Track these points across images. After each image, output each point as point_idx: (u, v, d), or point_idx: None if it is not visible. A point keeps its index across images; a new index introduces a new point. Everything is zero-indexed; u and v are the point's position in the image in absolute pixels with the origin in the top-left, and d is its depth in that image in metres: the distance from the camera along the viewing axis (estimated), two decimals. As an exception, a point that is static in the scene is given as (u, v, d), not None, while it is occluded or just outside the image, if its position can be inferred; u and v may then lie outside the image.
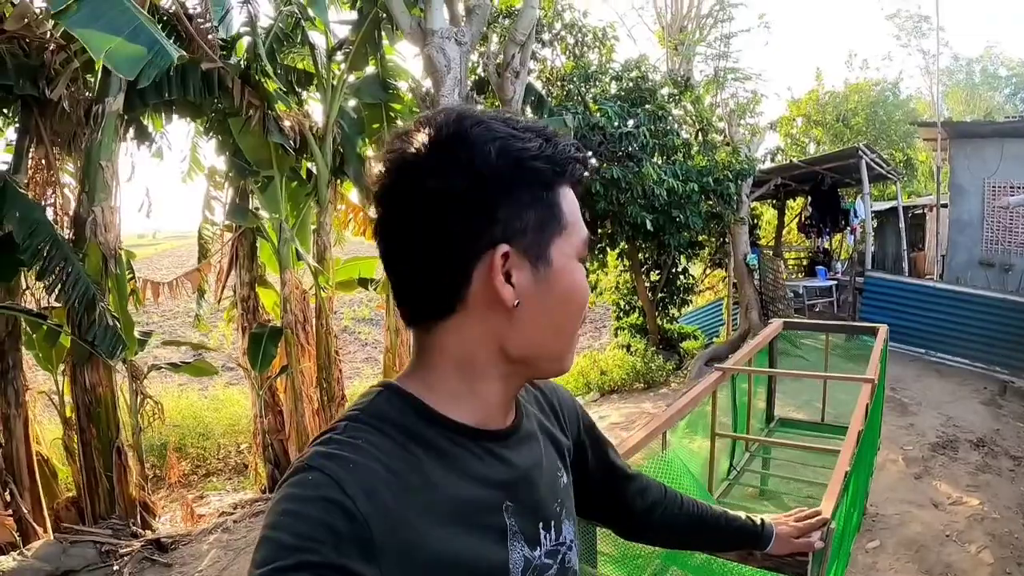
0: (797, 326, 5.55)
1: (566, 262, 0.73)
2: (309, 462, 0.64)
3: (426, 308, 0.73)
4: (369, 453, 0.65)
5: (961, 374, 8.46)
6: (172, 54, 4.56)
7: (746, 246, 11.09)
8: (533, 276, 0.71)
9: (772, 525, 1.22)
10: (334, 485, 0.61)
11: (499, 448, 0.76)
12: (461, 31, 5.15)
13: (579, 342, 15.71)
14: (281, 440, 7.58)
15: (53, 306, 5.69)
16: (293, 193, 7.62)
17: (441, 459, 0.70)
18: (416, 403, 0.72)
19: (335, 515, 0.59)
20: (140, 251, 13.34)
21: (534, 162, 0.70)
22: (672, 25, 12.78)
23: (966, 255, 10.63)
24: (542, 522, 0.79)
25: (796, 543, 1.26)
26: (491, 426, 0.76)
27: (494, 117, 0.71)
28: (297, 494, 0.61)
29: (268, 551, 0.57)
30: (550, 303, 0.73)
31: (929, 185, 17.52)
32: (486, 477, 0.73)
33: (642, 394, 9.25)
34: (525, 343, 0.73)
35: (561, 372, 0.79)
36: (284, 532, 0.58)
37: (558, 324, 0.75)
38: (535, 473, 0.80)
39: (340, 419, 0.71)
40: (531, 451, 0.82)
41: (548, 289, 0.72)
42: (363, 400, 0.74)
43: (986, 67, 25.20)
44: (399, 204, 0.71)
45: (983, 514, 4.61)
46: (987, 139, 10.50)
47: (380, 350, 14.72)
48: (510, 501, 0.74)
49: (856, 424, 2.72)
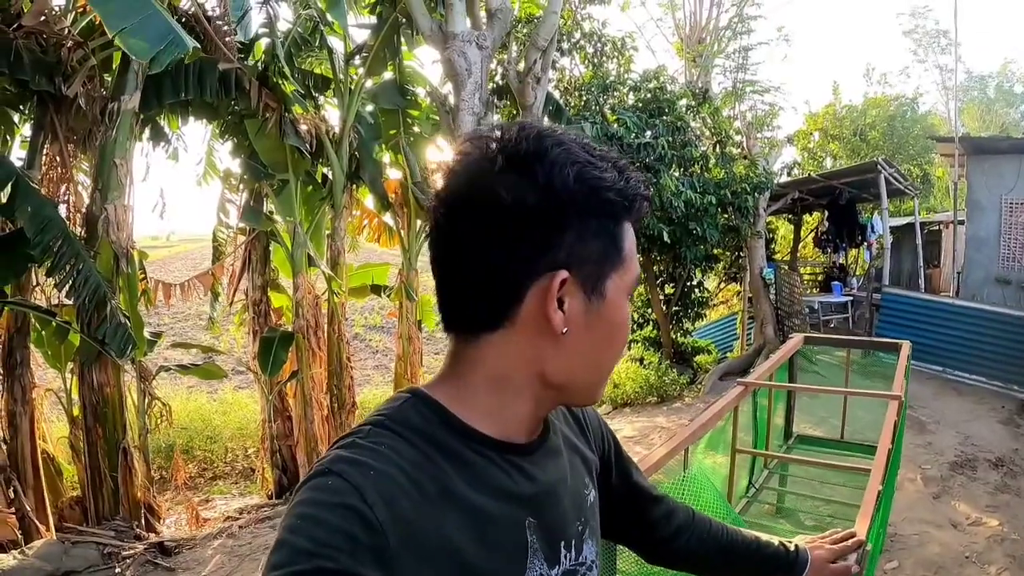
0: (818, 341, 5.45)
1: (617, 298, 0.73)
2: (330, 466, 0.63)
3: (472, 319, 0.71)
4: (391, 460, 0.64)
5: (979, 392, 8.34)
6: (187, 43, 4.57)
7: (762, 260, 11.00)
8: (585, 307, 0.70)
9: (807, 551, 1.16)
10: (354, 492, 0.60)
11: (525, 462, 0.74)
12: (483, 35, 5.09)
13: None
14: (290, 446, 7.53)
15: (63, 303, 5.66)
16: (308, 197, 7.61)
17: (464, 471, 0.68)
18: (443, 412, 0.71)
19: (353, 522, 0.58)
20: (154, 253, 13.41)
21: (608, 193, 0.69)
22: (691, 37, 12.75)
23: (982, 272, 10.49)
24: (563, 540, 0.77)
25: (832, 568, 1.18)
26: (517, 440, 0.75)
27: (573, 140, 0.70)
28: (316, 499, 0.60)
29: (285, 554, 0.57)
30: (596, 336, 0.72)
31: (945, 201, 17.41)
32: (510, 491, 0.71)
33: (655, 408, 9.14)
34: (564, 371, 0.73)
35: (591, 403, 0.81)
36: (302, 536, 0.57)
37: (599, 357, 0.75)
38: (560, 489, 0.78)
39: (365, 423, 0.70)
40: (557, 466, 0.80)
41: (597, 322, 0.71)
42: (390, 405, 0.72)
43: (1001, 83, 25.08)
44: (466, 211, 0.69)
45: (1003, 535, 4.54)
46: (1005, 155, 10.37)
47: (391, 358, 14.69)
48: (533, 517, 0.72)
49: (885, 442, 2.64)
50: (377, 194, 7.87)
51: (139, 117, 6.16)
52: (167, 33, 4.52)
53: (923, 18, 22.14)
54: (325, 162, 7.47)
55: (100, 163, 5.67)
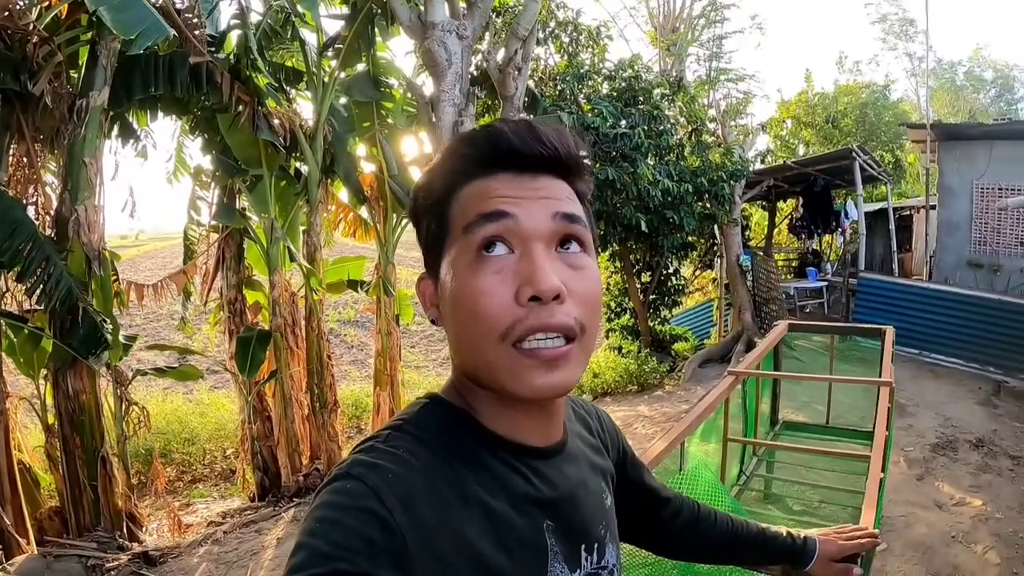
0: (802, 328, 5.49)
1: (454, 267, 0.68)
2: (349, 470, 0.63)
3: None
4: (409, 464, 0.64)
5: (956, 375, 8.48)
6: (167, 29, 4.52)
7: (739, 247, 11.09)
8: (434, 287, 0.73)
9: (816, 542, 1.15)
10: (372, 495, 0.60)
11: (543, 466, 0.74)
12: (463, 24, 5.00)
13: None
14: (270, 447, 7.40)
15: (35, 309, 5.49)
16: (282, 193, 7.46)
17: (483, 474, 0.68)
18: (461, 416, 0.72)
19: (371, 526, 0.58)
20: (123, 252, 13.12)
21: (438, 174, 0.74)
22: (664, 26, 12.75)
23: (955, 256, 10.68)
24: (584, 544, 0.76)
25: (836, 567, 1.17)
26: (536, 443, 0.74)
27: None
28: (335, 502, 0.60)
29: (303, 557, 0.56)
30: (448, 314, 0.70)
31: (917, 186, 17.69)
32: (528, 495, 0.70)
33: (636, 397, 9.15)
34: (453, 356, 0.74)
35: (513, 393, 0.67)
36: (320, 539, 0.57)
37: (457, 335, 0.69)
38: (580, 493, 0.77)
39: (385, 427, 0.70)
40: (577, 471, 0.79)
41: (444, 300, 0.70)
42: (409, 410, 0.73)
43: (971, 70, 25.53)
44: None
45: (987, 514, 4.64)
46: (976, 141, 10.56)
47: (367, 352, 14.59)
48: (551, 521, 0.71)
49: (881, 430, 2.66)
50: (352, 188, 7.74)
51: (108, 114, 5.98)
52: (145, 16, 4.44)
53: (894, 4, 22.46)
54: (299, 156, 7.33)
55: (69, 162, 5.48)
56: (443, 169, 0.71)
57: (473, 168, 0.69)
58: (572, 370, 0.67)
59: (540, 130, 0.68)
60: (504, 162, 0.68)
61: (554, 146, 0.68)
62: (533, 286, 0.63)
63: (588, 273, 0.69)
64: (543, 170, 0.69)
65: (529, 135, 0.68)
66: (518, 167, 0.68)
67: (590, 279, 0.68)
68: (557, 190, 0.69)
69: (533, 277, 0.63)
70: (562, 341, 0.65)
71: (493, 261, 0.65)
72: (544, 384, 0.65)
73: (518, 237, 0.65)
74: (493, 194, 0.67)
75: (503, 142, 0.67)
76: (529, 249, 0.65)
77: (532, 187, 0.68)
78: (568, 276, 0.66)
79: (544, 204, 0.67)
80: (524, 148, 0.67)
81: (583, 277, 0.68)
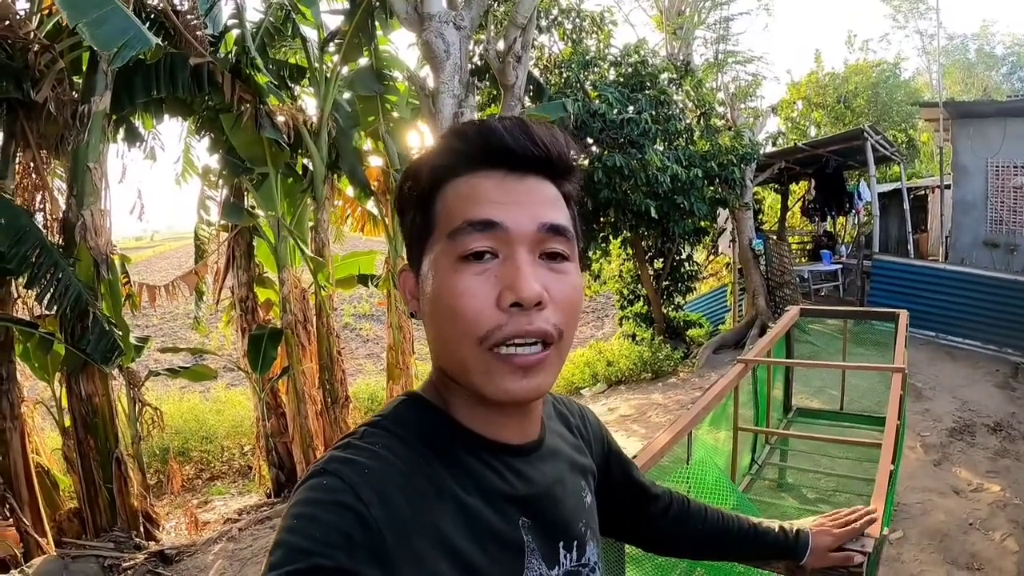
0: (814, 313, 5.42)
1: (435, 265, 0.68)
2: (325, 466, 0.63)
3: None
4: (386, 459, 0.64)
5: (973, 357, 8.36)
6: (149, 40, 4.48)
7: (751, 231, 10.98)
8: (416, 283, 0.72)
9: (808, 535, 1.14)
10: (349, 490, 0.60)
11: (520, 464, 0.74)
12: (460, 15, 4.95)
13: (580, 332, 15.50)
14: (285, 443, 7.46)
15: (45, 314, 5.54)
16: (289, 190, 7.47)
17: (458, 471, 0.68)
18: (438, 413, 0.72)
19: (349, 521, 0.58)
20: (138, 253, 13.28)
21: (422, 171, 0.73)
22: (670, 9, 12.57)
23: (970, 236, 10.49)
24: (563, 542, 0.76)
25: (833, 557, 1.16)
26: (512, 440, 0.74)
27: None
28: (312, 498, 0.60)
29: (282, 554, 0.56)
30: (427, 311, 0.69)
31: (930, 166, 17.40)
32: (502, 492, 0.70)
33: (650, 384, 9.10)
34: (433, 355, 0.73)
35: (481, 393, 0.67)
36: (298, 536, 0.57)
37: (437, 333, 0.69)
38: (558, 490, 0.77)
39: (362, 425, 0.70)
40: (554, 468, 0.79)
41: (424, 296, 0.70)
42: (387, 408, 0.73)
43: (982, 46, 25.00)
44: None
45: (1005, 500, 4.55)
46: (990, 119, 10.33)
47: (382, 346, 14.62)
48: (527, 517, 0.72)
49: (892, 418, 2.60)
50: (358, 182, 7.74)
51: (111, 118, 6.01)
52: (128, 28, 4.42)
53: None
54: (304, 153, 7.33)
55: (74, 168, 5.52)
56: (431, 162, 0.71)
57: (462, 164, 0.69)
58: (547, 375, 0.67)
59: (533, 129, 0.68)
60: (494, 160, 0.68)
61: (546, 147, 0.69)
62: (515, 292, 0.63)
63: (569, 279, 0.69)
64: (532, 170, 0.69)
65: (522, 134, 0.68)
66: (508, 166, 0.68)
67: (571, 284, 0.69)
68: (545, 194, 0.70)
69: (515, 283, 0.64)
70: (539, 347, 0.66)
71: (476, 264, 0.65)
72: (518, 389, 0.66)
73: (503, 242, 0.66)
74: (481, 197, 0.67)
75: (495, 140, 0.67)
76: (513, 252, 0.65)
77: (520, 190, 0.68)
78: (549, 280, 0.67)
79: (531, 211, 0.67)
80: (516, 147, 0.67)
81: (564, 283, 0.68)
